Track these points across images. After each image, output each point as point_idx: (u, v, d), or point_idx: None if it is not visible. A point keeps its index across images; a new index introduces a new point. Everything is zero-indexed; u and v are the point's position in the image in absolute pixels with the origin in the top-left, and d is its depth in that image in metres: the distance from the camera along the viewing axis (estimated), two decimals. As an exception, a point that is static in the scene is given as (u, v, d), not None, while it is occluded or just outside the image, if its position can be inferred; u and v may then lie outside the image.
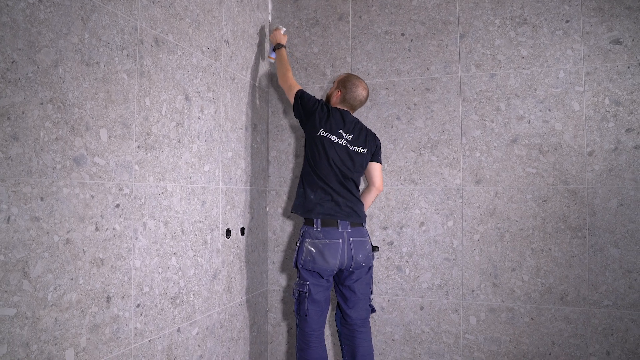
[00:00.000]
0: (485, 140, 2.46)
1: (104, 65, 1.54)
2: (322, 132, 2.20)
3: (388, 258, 2.60)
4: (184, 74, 1.97)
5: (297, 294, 2.21)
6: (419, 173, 2.56)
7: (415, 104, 2.59)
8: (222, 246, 2.27)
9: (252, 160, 2.62)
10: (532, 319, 2.36)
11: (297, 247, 2.22)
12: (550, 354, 2.32)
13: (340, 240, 2.16)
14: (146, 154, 1.74)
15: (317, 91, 2.75)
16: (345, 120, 2.25)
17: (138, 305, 1.69)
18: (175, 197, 1.92)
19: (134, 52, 1.68)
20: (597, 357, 2.26)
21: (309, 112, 2.23)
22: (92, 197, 1.48)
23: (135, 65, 1.68)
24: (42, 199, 1.31)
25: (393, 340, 2.57)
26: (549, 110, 2.36)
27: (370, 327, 2.30)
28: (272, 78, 2.85)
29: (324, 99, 2.55)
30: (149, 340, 1.75)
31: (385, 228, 2.60)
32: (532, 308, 2.36)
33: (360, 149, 2.26)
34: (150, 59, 1.76)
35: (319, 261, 2.14)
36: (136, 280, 1.68)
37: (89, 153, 1.47)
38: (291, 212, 2.30)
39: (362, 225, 2.25)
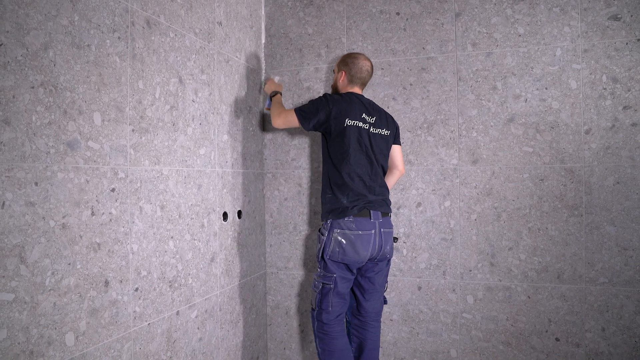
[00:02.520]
0: (481, 120, 2.45)
1: (95, 48, 1.52)
2: (348, 122, 2.07)
3: (385, 239, 2.61)
4: (177, 57, 1.95)
5: (320, 286, 2.09)
6: (416, 153, 2.56)
7: (411, 84, 2.57)
8: (219, 229, 2.27)
9: (248, 143, 2.61)
10: (528, 297, 2.38)
11: (323, 238, 2.08)
12: (546, 331, 2.35)
13: (373, 231, 2.05)
14: (141, 137, 1.73)
15: (312, 72, 2.73)
16: (364, 103, 2.15)
17: (136, 289, 1.69)
18: (171, 181, 1.91)
19: (126, 34, 1.65)
20: (593, 333, 2.28)
21: (324, 109, 2.09)
22: (87, 181, 1.47)
23: (127, 47, 1.66)
24: (36, 184, 1.30)
25: (391, 320, 2.59)
26: (546, 88, 2.35)
27: (381, 323, 2.26)
28: (268, 60, 2.82)
29: (329, 93, 2.34)
30: (148, 324, 1.76)
31: (383, 209, 2.61)
32: (528, 286, 2.38)
33: (384, 132, 2.17)
34: (142, 41, 1.74)
35: (349, 253, 2.02)
36: (134, 264, 1.68)
37: (82, 137, 1.46)
38: (322, 220, 2.16)
39: (390, 215, 2.18)
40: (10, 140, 1.23)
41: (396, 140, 2.29)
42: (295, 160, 2.76)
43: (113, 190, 1.58)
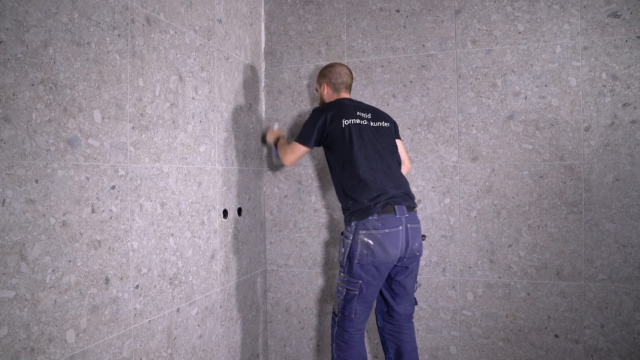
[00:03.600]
0: (481, 117, 2.45)
1: (95, 46, 1.52)
2: (345, 122, 2.05)
3: (385, 236, 2.61)
4: (177, 54, 1.95)
5: (344, 292, 2.00)
6: (415, 151, 2.56)
7: (411, 82, 2.57)
8: (219, 227, 2.27)
9: (248, 141, 2.61)
10: (528, 294, 2.38)
11: (348, 241, 1.98)
12: (546, 328, 2.36)
13: (400, 228, 1.94)
14: (141, 135, 1.73)
15: (312, 70, 2.73)
16: (354, 103, 2.16)
17: (137, 286, 1.70)
18: (172, 178, 1.91)
19: (126, 31, 1.65)
20: (592, 329, 2.29)
21: (319, 119, 2.08)
22: (88, 179, 1.48)
23: (127, 45, 1.66)
24: (36, 181, 1.30)
25: (391, 317, 2.60)
26: (546, 85, 2.35)
27: (414, 323, 2.21)
28: (267, 57, 2.82)
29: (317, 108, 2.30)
30: (149, 321, 1.76)
31: (382, 207, 2.61)
32: (528, 283, 2.38)
33: (384, 124, 2.15)
34: (142, 38, 1.74)
35: (378, 254, 1.91)
36: (134, 261, 1.69)
37: (82, 135, 1.46)
38: (345, 224, 2.06)
39: (415, 210, 2.08)
40: (11, 137, 1.23)
41: (397, 134, 2.27)
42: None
43: (113, 187, 1.59)
